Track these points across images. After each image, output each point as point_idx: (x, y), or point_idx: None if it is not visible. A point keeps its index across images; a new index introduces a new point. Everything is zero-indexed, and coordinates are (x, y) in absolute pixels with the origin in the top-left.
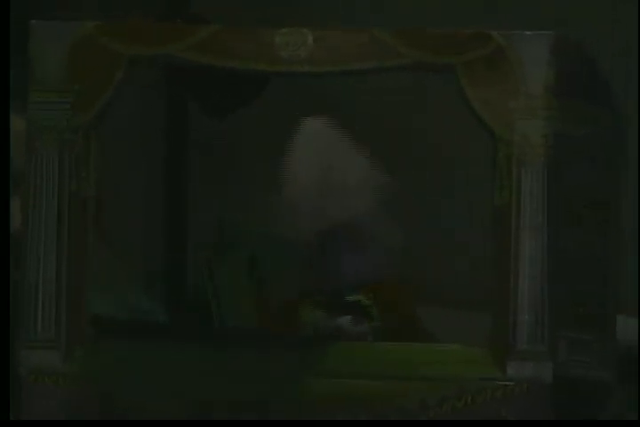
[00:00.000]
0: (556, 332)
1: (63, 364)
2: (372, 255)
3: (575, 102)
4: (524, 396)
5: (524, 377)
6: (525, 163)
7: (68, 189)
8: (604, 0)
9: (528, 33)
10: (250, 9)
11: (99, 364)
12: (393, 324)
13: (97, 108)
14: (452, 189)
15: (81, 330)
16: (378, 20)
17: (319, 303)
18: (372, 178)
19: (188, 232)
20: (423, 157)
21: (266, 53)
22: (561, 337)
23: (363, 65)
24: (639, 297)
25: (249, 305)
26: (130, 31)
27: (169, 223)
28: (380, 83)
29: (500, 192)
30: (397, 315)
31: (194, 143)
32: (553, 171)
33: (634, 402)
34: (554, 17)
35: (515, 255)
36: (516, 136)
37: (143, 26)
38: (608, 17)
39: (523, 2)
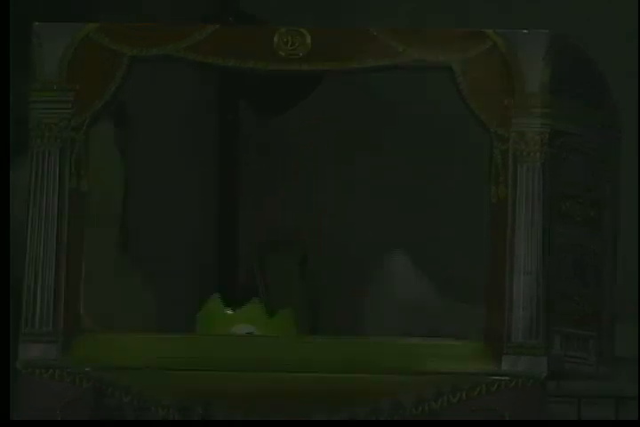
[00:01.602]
0: (551, 327)
1: (60, 358)
2: None
3: (571, 100)
4: (518, 390)
5: (519, 372)
6: (521, 160)
7: (68, 186)
8: None
9: (524, 31)
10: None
11: (97, 358)
12: None
13: (97, 108)
14: (448, 186)
15: (79, 324)
16: (376, 18)
17: None
18: None
19: (240, 230)
20: (419, 154)
21: (265, 52)
22: (556, 332)
23: (361, 64)
24: (639, 297)
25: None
26: (131, 32)
27: (221, 221)
28: (378, 81)
29: (496, 189)
30: None
31: (245, 142)
32: (549, 168)
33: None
34: (552, 16)
35: (510, 251)
36: (512, 133)
37: (144, 26)
38: (607, 15)
39: (521, 1)
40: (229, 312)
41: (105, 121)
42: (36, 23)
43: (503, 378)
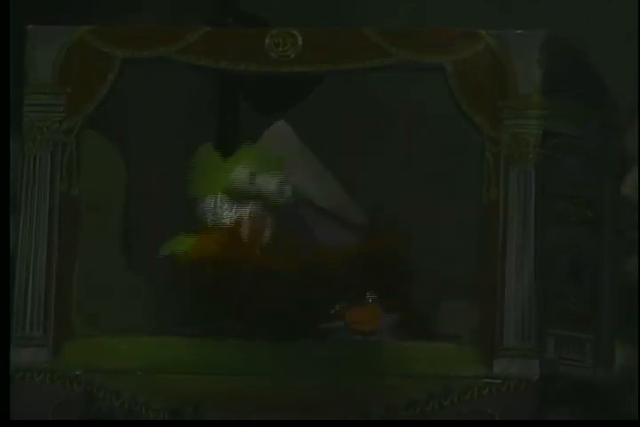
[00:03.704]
0: (545, 330)
1: (51, 361)
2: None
3: (565, 101)
4: (510, 394)
5: (511, 375)
6: (514, 161)
7: (60, 190)
8: None
9: (518, 32)
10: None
11: (88, 361)
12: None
13: (89, 110)
14: (440, 188)
15: (70, 328)
16: (368, 19)
17: None
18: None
19: None
20: (411, 156)
21: (256, 54)
22: (550, 335)
23: (352, 65)
24: (639, 297)
25: None
26: (123, 34)
27: None
28: (370, 82)
29: (488, 190)
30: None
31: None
32: (542, 169)
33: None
34: (552, 16)
35: (502, 252)
36: (505, 135)
37: (136, 29)
38: (607, 15)
39: (521, 1)
40: (222, 159)
41: (97, 124)
42: (30, 26)
43: (495, 381)
